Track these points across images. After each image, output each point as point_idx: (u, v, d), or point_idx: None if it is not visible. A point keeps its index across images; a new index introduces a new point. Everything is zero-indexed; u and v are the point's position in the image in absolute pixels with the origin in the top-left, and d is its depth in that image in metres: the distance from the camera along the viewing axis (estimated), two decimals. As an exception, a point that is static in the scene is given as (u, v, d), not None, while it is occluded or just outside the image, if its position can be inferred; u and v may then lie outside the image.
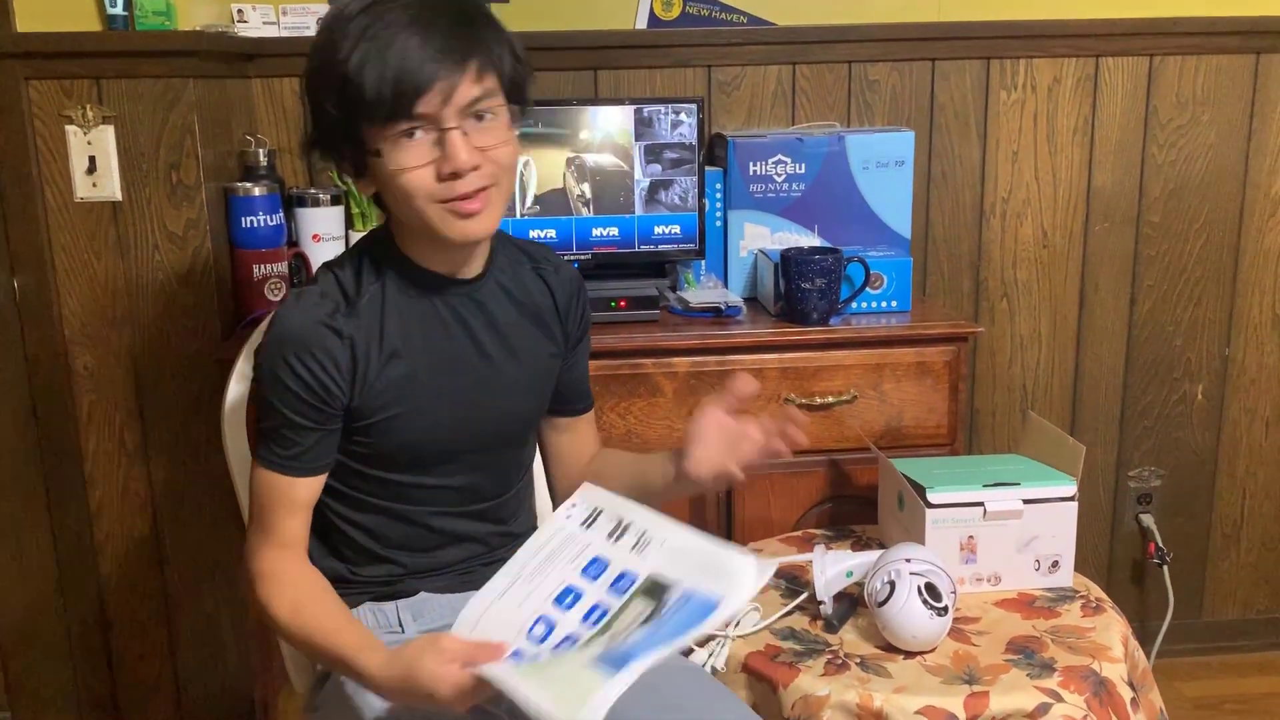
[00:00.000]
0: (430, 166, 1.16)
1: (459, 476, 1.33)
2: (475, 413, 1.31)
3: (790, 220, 2.06)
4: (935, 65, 2.23)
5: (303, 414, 1.22)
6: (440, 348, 1.28)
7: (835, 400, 1.90)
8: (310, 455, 1.25)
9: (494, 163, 1.19)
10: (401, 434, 1.27)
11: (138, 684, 2.11)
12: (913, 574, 1.46)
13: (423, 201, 1.18)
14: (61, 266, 1.91)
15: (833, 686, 1.41)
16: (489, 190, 1.20)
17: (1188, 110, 2.29)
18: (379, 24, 1.13)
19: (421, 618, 1.35)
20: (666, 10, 2.18)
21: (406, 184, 1.17)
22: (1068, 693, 1.39)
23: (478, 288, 1.30)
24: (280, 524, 1.26)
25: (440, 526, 1.34)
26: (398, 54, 1.12)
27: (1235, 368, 2.42)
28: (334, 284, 1.25)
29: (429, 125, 1.16)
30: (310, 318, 1.22)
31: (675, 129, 2.00)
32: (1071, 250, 2.34)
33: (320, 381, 1.21)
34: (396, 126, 1.15)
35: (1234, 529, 2.50)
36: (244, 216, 1.96)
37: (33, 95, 1.84)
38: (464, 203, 1.18)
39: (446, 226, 1.19)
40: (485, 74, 1.17)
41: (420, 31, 1.13)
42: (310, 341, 1.21)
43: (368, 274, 1.26)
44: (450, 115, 1.15)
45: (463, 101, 1.15)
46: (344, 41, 1.14)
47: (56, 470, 2.00)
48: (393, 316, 1.26)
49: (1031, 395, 2.39)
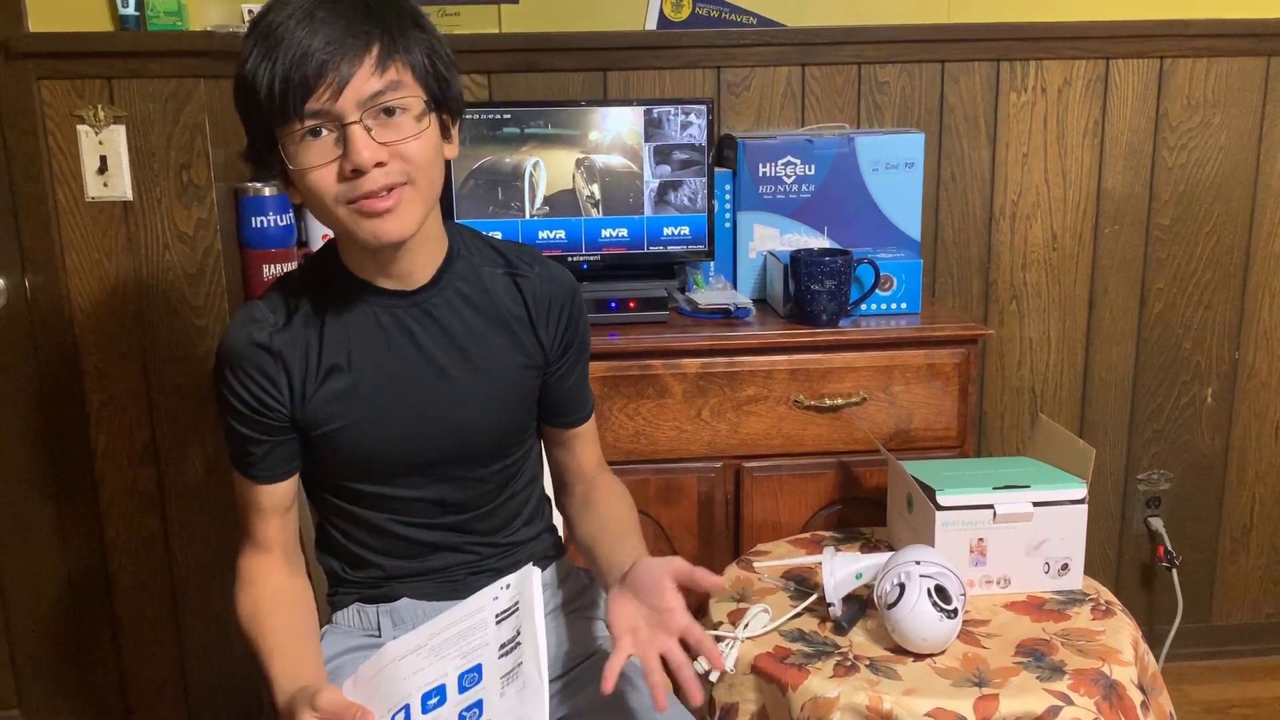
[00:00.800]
0: (333, 165, 1.12)
1: (425, 488, 1.31)
2: (429, 426, 1.27)
3: (799, 222, 2.06)
4: (945, 67, 2.23)
5: (248, 426, 1.24)
6: (383, 360, 1.25)
7: (844, 402, 1.89)
8: (265, 464, 1.26)
9: (403, 159, 1.13)
10: (350, 447, 1.27)
11: (146, 682, 2.12)
12: (922, 576, 1.46)
13: (331, 203, 1.14)
14: (72, 265, 1.92)
15: (842, 688, 1.40)
16: (401, 188, 1.14)
17: (1198, 113, 2.29)
18: (275, 23, 1.10)
19: (401, 624, 1.34)
20: (676, 11, 2.18)
21: (312, 185, 1.13)
22: (1078, 695, 1.39)
23: (427, 297, 1.25)
24: (255, 527, 1.29)
25: (415, 536, 1.33)
26: (286, 49, 1.08)
27: (1245, 371, 2.41)
28: (279, 299, 1.25)
29: (330, 123, 1.11)
30: (243, 337, 1.22)
31: (685, 130, 2.00)
32: (1081, 253, 2.34)
33: (256, 396, 1.22)
34: (295, 125, 1.11)
35: (1243, 533, 2.49)
36: (254, 216, 1.96)
37: (45, 95, 1.85)
38: (370, 201, 1.13)
39: (357, 227, 1.15)
40: (387, 63, 1.11)
41: (311, 25, 1.09)
42: (243, 359, 1.22)
43: (310, 288, 1.25)
44: (349, 110, 1.10)
45: (362, 95, 1.10)
46: (246, 44, 1.12)
47: (66, 469, 2.01)
48: (332, 330, 1.24)
49: (1041, 398, 2.39)
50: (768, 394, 1.88)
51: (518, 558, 1.38)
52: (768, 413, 1.89)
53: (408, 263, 1.24)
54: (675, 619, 1.13)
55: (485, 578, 1.36)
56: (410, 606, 1.34)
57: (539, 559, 1.40)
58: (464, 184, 1.94)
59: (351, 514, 1.32)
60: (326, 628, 1.40)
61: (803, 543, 1.84)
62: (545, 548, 1.43)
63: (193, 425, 1.99)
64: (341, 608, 1.37)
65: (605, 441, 1.61)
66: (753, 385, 1.88)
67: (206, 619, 2.08)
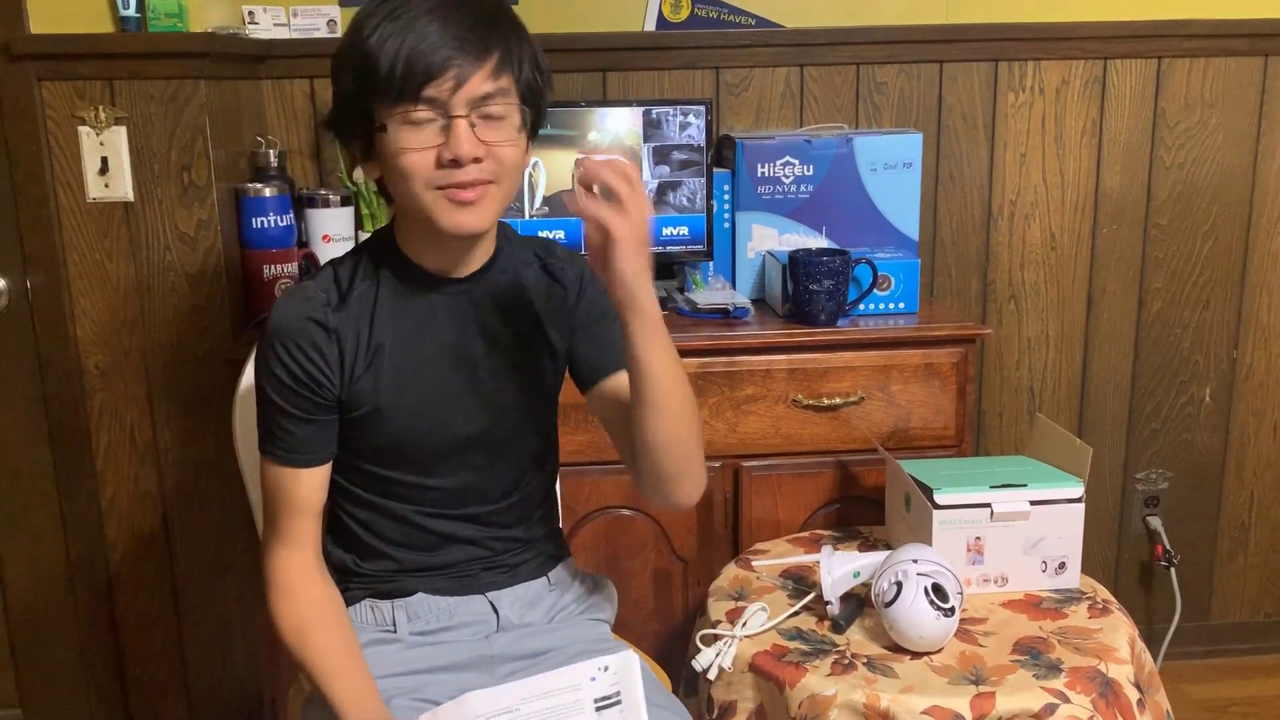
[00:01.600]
0: (432, 151, 1.18)
1: (450, 477, 1.33)
2: (463, 413, 1.30)
3: (798, 222, 2.07)
4: (943, 67, 2.23)
5: (294, 404, 1.25)
6: (430, 346, 1.29)
7: (843, 401, 1.90)
8: (307, 446, 1.26)
9: (497, 160, 1.20)
10: (387, 430, 1.28)
11: (148, 681, 2.12)
12: (920, 575, 1.46)
13: (420, 186, 1.19)
14: (74, 266, 1.92)
15: (839, 686, 1.41)
16: (488, 186, 1.20)
17: (1196, 113, 2.29)
18: (405, 8, 1.16)
19: (416, 619, 1.35)
20: (675, 12, 2.19)
21: (407, 165, 1.18)
22: (1074, 694, 1.40)
23: (474, 287, 1.30)
24: (289, 524, 1.28)
25: (434, 527, 1.34)
26: (416, 36, 1.15)
27: (1243, 370, 2.42)
28: (331, 279, 1.28)
29: (438, 111, 1.17)
30: (298, 312, 1.25)
31: (683, 130, 2.00)
32: (1079, 252, 2.34)
33: (307, 372, 1.24)
34: (405, 106, 1.16)
35: (1242, 532, 2.50)
36: (254, 217, 1.97)
37: (46, 96, 1.85)
38: (460, 191, 1.19)
39: (440, 214, 1.20)
40: (501, 72, 1.19)
41: (441, 19, 1.16)
42: (296, 334, 1.24)
43: (365, 270, 1.29)
44: (459, 104, 1.16)
45: (475, 94, 1.17)
46: (369, 21, 1.17)
47: (68, 468, 2.02)
48: (384, 313, 1.27)
49: (1039, 397, 2.40)
50: (766, 393, 1.89)
51: (528, 555, 1.40)
52: (766, 412, 1.89)
53: (468, 254, 1.29)
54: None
55: (498, 574, 1.38)
56: (425, 602, 1.35)
57: (547, 559, 1.43)
58: (463, 184, 1.95)
59: (372, 502, 1.33)
60: None
61: (801, 541, 1.85)
62: (555, 548, 1.45)
63: (194, 425, 1.99)
64: (352, 603, 1.37)
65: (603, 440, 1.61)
66: (751, 385, 1.88)
67: (208, 618, 2.09)
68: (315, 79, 2.14)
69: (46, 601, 2.09)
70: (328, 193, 2.06)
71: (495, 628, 1.37)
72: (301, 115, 2.15)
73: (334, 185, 2.13)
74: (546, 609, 1.40)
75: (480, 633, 1.36)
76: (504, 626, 1.37)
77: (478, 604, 1.37)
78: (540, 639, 1.37)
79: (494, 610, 1.37)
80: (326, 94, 2.11)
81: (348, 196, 2.07)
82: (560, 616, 1.41)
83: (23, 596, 2.10)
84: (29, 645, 2.12)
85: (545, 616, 1.40)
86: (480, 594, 1.37)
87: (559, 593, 1.42)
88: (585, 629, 1.41)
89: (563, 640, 1.37)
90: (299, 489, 1.27)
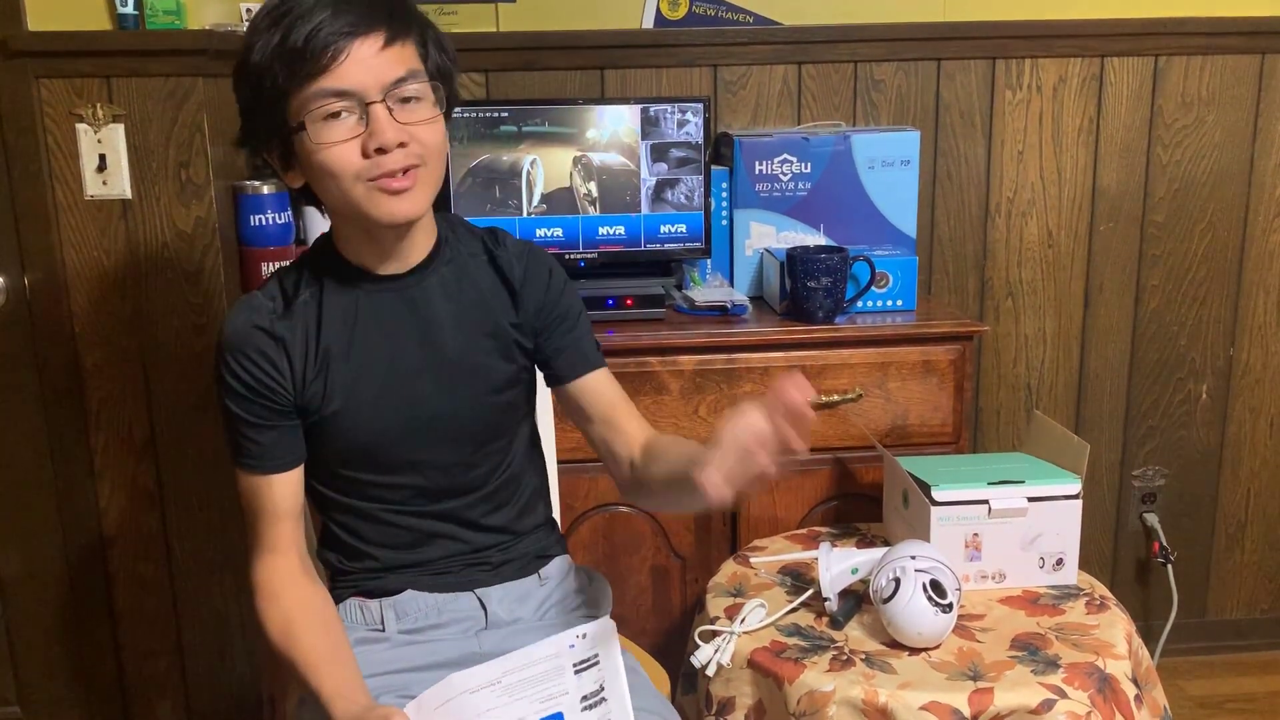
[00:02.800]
0: (355, 142, 1.16)
1: (417, 475, 1.32)
2: (416, 411, 1.30)
3: (796, 219, 2.07)
4: (941, 65, 2.23)
5: (253, 413, 1.26)
6: (377, 347, 1.28)
7: (841, 399, 1.88)
8: (273, 452, 1.27)
9: (420, 142, 1.19)
10: (346, 433, 1.28)
11: (146, 679, 2.12)
12: (918, 571, 1.47)
13: (349, 181, 1.18)
14: (71, 264, 1.92)
15: (838, 682, 1.41)
16: (417, 170, 1.19)
17: (1193, 110, 2.29)
18: (290, 8, 1.15)
19: (405, 617, 1.35)
20: (673, 10, 2.19)
21: (331, 161, 1.17)
22: (1072, 689, 1.40)
23: (415, 282, 1.29)
24: (268, 530, 1.28)
25: (411, 525, 1.34)
26: (309, 27, 1.14)
27: (1240, 367, 2.42)
28: (277, 288, 1.29)
29: (353, 101, 1.16)
30: (246, 322, 1.25)
31: (681, 128, 2.00)
32: (1076, 250, 2.34)
33: (259, 380, 1.25)
34: (318, 104, 1.15)
35: (1238, 528, 2.50)
36: (252, 214, 1.97)
37: (44, 94, 1.86)
38: (391, 180, 1.18)
39: (374, 206, 1.19)
40: (406, 52, 1.18)
41: (330, 7, 1.15)
42: (245, 344, 1.25)
43: (308, 277, 1.29)
44: (373, 90, 1.16)
45: (387, 79, 1.16)
46: (258, 29, 1.17)
47: (65, 466, 2.02)
48: (329, 318, 1.27)
49: (1036, 394, 2.40)
50: (764, 391, 1.89)
51: (513, 551, 1.39)
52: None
53: (405, 246, 1.28)
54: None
55: (482, 571, 1.37)
56: (414, 599, 1.35)
57: (537, 555, 1.42)
58: (462, 182, 1.95)
59: (347, 505, 1.34)
60: None
61: (799, 538, 1.85)
62: (546, 544, 1.44)
63: (192, 422, 2.00)
64: (339, 601, 1.37)
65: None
66: (749, 382, 1.89)
67: (206, 616, 2.09)
68: (313, 76, 2.13)
69: (45, 599, 2.10)
70: (326, 190, 2.06)
71: (484, 624, 1.36)
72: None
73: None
74: (536, 605, 1.40)
75: (469, 629, 1.36)
76: (493, 623, 1.36)
77: (466, 601, 1.37)
78: (530, 635, 1.35)
79: (483, 607, 1.37)
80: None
81: (346, 194, 2.06)
82: (552, 613, 1.40)
83: (21, 594, 2.10)
84: (27, 643, 2.12)
85: (536, 613, 1.39)
86: (469, 591, 1.37)
87: (550, 589, 1.42)
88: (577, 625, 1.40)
89: None
90: (272, 495, 1.27)
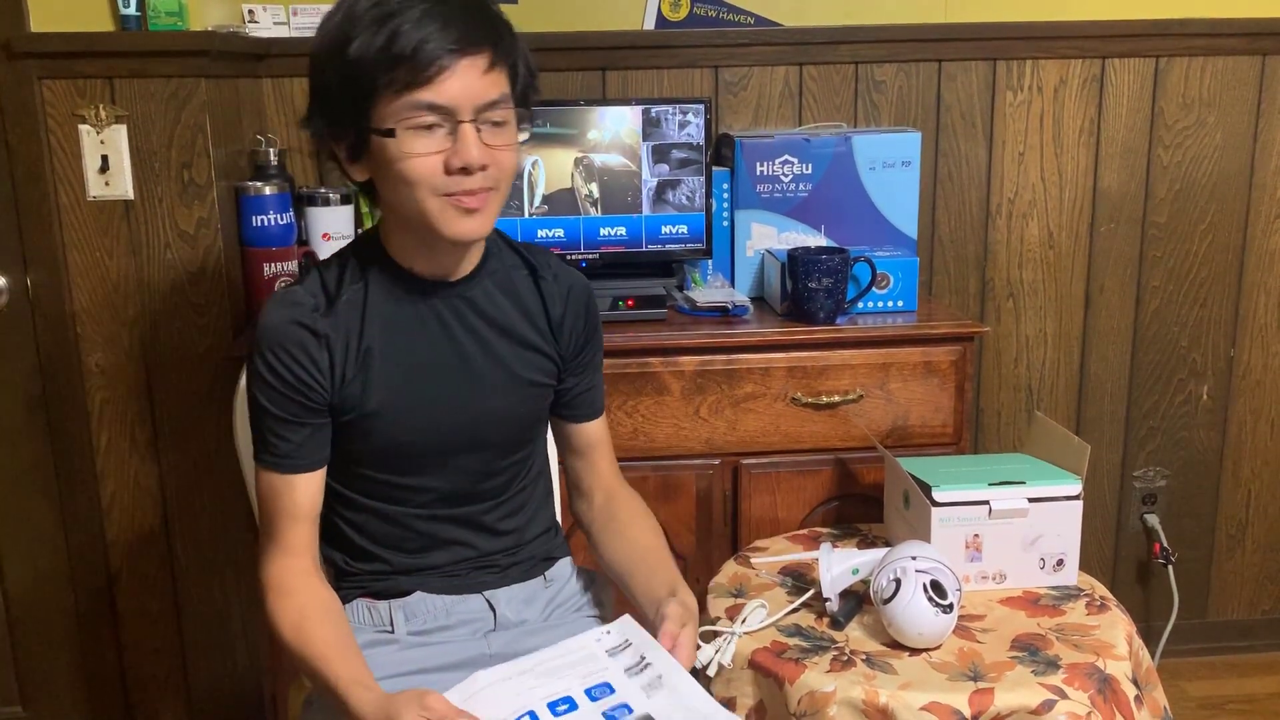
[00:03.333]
0: (439, 156, 1.17)
1: (441, 480, 1.32)
2: (453, 416, 1.30)
3: (797, 220, 2.07)
4: (942, 66, 2.24)
5: (286, 409, 1.24)
6: (419, 350, 1.29)
7: (841, 399, 1.91)
8: (301, 452, 1.26)
9: (499, 165, 1.19)
10: (378, 434, 1.28)
11: (148, 678, 2.12)
12: (918, 572, 1.47)
13: (425, 192, 1.18)
14: (74, 264, 1.92)
15: (839, 683, 1.42)
16: (490, 192, 1.20)
17: (1194, 112, 2.30)
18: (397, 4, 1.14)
19: (413, 619, 1.35)
20: (674, 11, 2.19)
21: (412, 170, 1.17)
22: (1072, 690, 1.40)
23: (463, 290, 1.30)
24: (285, 530, 1.27)
25: (424, 529, 1.34)
26: (418, 36, 1.13)
27: (1240, 368, 2.42)
28: (318, 284, 1.27)
29: (445, 117, 1.16)
30: (287, 316, 1.24)
31: (683, 129, 2.01)
32: (1077, 251, 2.35)
33: (297, 377, 1.23)
34: (412, 112, 1.15)
35: (1239, 529, 2.50)
36: (254, 215, 1.97)
37: (46, 95, 1.86)
38: (467, 198, 1.18)
39: (444, 222, 1.19)
40: (503, 78, 1.19)
41: (442, 21, 1.14)
42: (286, 339, 1.23)
43: (351, 275, 1.28)
44: (467, 110, 1.16)
45: (481, 101, 1.16)
46: (363, 17, 1.15)
47: (68, 466, 2.02)
48: (373, 318, 1.27)
49: (1037, 395, 2.40)
50: (765, 391, 1.89)
51: (520, 556, 1.40)
52: (765, 410, 1.90)
53: (460, 258, 1.28)
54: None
55: (491, 573, 1.38)
56: (423, 601, 1.35)
57: (544, 558, 1.43)
58: (463, 183, 1.95)
59: (364, 505, 1.33)
60: None
61: (800, 539, 1.85)
62: (551, 546, 1.45)
63: (194, 423, 2.00)
64: (346, 601, 1.37)
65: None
66: (750, 383, 1.89)
67: (208, 616, 2.09)
68: (315, 77, 2.14)
69: (47, 599, 2.10)
70: (327, 191, 2.06)
71: (493, 626, 1.37)
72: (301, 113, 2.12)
73: (334, 183, 2.14)
74: (542, 606, 1.41)
75: (478, 631, 1.36)
76: (501, 625, 1.37)
77: (475, 603, 1.37)
78: (537, 637, 1.37)
79: (491, 609, 1.37)
80: (326, 92, 2.13)
81: (347, 195, 2.07)
82: (557, 614, 1.42)
83: (23, 594, 2.10)
84: (29, 643, 2.13)
85: (541, 614, 1.40)
86: (477, 593, 1.37)
87: (555, 590, 1.43)
88: (581, 625, 1.41)
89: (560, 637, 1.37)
90: (294, 496, 1.26)
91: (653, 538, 1.40)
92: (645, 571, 1.35)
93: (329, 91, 1.19)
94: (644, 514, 1.44)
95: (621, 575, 1.38)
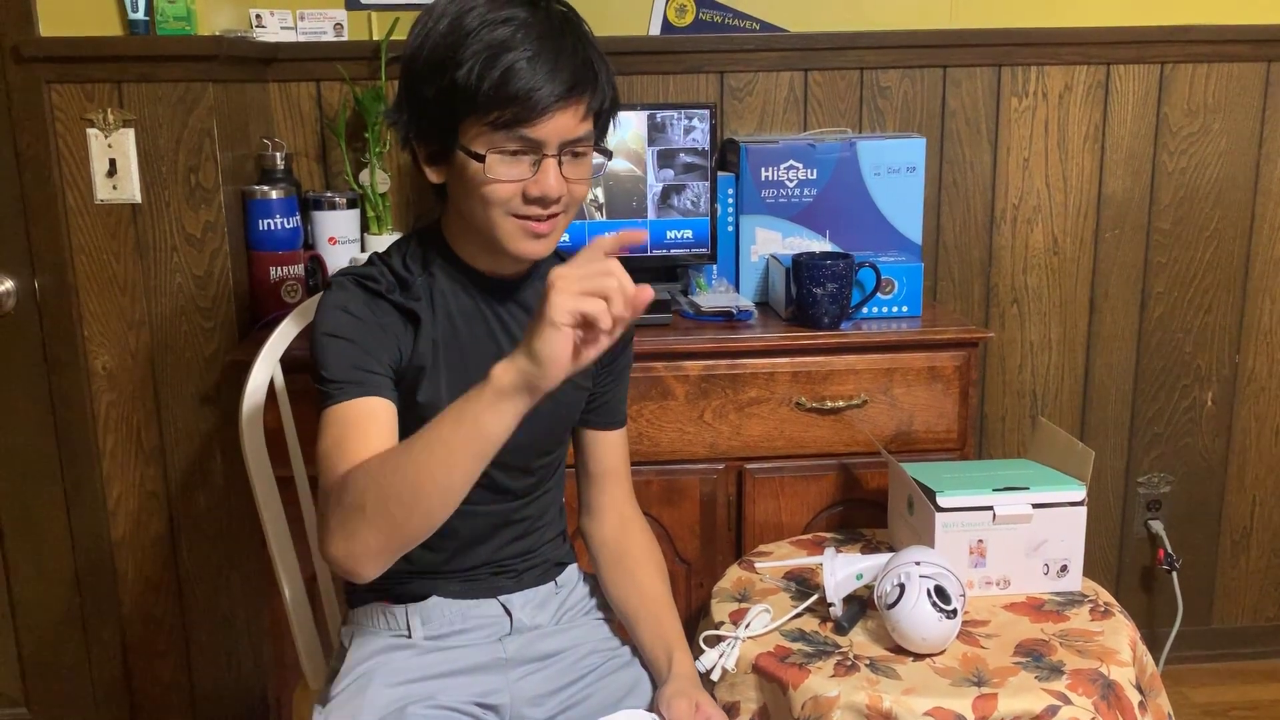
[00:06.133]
0: (520, 184, 1.20)
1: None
2: None
3: (802, 225, 2.08)
4: (947, 72, 2.24)
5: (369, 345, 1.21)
6: (477, 343, 1.30)
7: (846, 404, 1.91)
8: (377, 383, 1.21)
9: (573, 196, 1.24)
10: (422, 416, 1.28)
11: (153, 681, 2.13)
12: (922, 577, 1.47)
13: (499, 213, 1.21)
14: (81, 268, 1.93)
15: (842, 687, 1.42)
16: (558, 217, 1.24)
17: (1199, 118, 2.30)
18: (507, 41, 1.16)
19: (430, 623, 1.36)
20: (680, 17, 2.20)
21: (494, 193, 1.20)
22: (1076, 695, 1.40)
23: (519, 288, 1.33)
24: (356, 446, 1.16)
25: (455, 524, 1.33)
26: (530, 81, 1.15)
27: (1245, 375, 2.42)
28: (384, 269, 1.29)
29: (533, 149, 1.19)
30: (370, 286, 1.26)
31: (688, 134, 2.01)
32: (1082, 257, 2.35)
33: (385, 325, 1.24)
34: (507, 141, 1.17)
35: (1243, 536, 2.50)
36: (261, 219, 1.98)
37: (54, 99, 1.86)
38: (538, 224, 1.22)
39: (513, 242, 1.23)
40: (591, 116, 1.23)
41: (553, 56, 1.17)
42: (371, 300, 1.25)
43: (417, 264, 1.30)
44: (553, 145, 1.19)
45: (569, 136, 1.20)
46: (474, 41, 1.16)
47: (74, 469, 2.02)
48: (439, 307, 1.29)
49: (1041, 401, 2.40)
50: (769, 396, 1.90)
51: (535, 560, 1.42)
52: (769, 415, 1.90)
53: (521, 266, 1.31)
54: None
55: (506, 578, 1.40)
56: (440, 605, 1.36)
57: (556, 563, 1.45)
58: (469, 187, 1.96)
59: None
60: (348, 626, 1.42)
61: (804, 543, 1.85)
62: (561, 551, 1.47)
63: (200, 426, 2.00)
64: (361, 604, 1.38)
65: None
66: (755, 387, 1.89)
67: (213, 619, 2.10)
68: (321, 82, 2.15)
69: (53, 601, 2.10)
70: (334, 195, 2.07)
71: (508, 630, 1.38)
72: (308, 118, 2.16)
73: (340, 188, 2.14)
74: (554, 610, 1.43)
75: (494, 635, 1.38)
76: (517, 629, 1.39)
77: (491, 607, 1.38)
78: (551, 641, 1.39)
79: (507, 613, 1.39)
80: (333, 96, 2.15)
81: (354, 199, 2.08)
82: (567, 617, 1.44)
83: (29, 596, 2.11)
84: (35, 645, 2.13)
85: (553, 618, 1.42)
86: (492, 597, 1.39)
87: (565, 594, 1.45)
88: (591, 629, 1.44)
89: (572, 641, 1.41)
90: (377, 419, 1.18)
91: (660, 585, 1.44)
92: (652, 622, 1.40)
93: (425, 103, 1.21)
94: (652, 552, 1.47)
95: (627, 616, 1.43)
